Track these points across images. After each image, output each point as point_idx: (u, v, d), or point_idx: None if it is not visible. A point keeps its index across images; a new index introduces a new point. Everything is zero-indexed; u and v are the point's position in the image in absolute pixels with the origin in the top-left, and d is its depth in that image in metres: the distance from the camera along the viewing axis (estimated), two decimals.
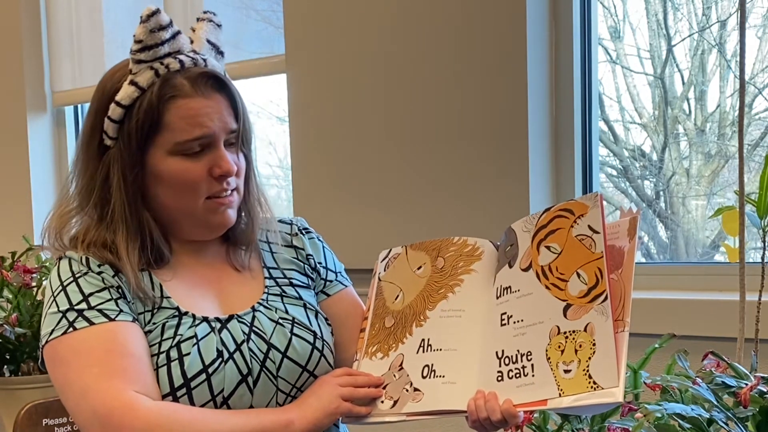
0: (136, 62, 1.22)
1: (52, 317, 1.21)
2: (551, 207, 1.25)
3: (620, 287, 1.14)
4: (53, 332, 1.20)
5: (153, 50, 1.21)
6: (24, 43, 3.09)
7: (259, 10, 2.70)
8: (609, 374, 1.09)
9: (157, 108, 1.20)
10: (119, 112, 1.22)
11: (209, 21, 1.29)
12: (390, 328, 1.33)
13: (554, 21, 2.07)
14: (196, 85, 1.22)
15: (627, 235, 1.18)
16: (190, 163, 1.23)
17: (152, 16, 1.20)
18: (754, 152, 2.05)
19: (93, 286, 1.22)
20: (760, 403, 1.16)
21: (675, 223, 2.21)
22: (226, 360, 1.22)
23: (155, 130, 1.21)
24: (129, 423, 1.13)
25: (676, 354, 1.33)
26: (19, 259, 2.31)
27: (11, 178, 3.16)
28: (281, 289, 1.34)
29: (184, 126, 1.21)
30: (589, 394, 1.10)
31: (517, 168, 2.03)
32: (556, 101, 2.08)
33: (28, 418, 1.80)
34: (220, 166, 1.24)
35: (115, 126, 1.23)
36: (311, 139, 2.38)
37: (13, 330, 2.16)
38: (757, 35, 2.05)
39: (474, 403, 1.18)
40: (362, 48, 2.26)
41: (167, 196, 1.25)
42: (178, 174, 1.23)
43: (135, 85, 1.21)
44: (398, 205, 2.20)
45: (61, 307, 1.21)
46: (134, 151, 1.22)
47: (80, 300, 1.21)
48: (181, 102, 1.21)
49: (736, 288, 1.45)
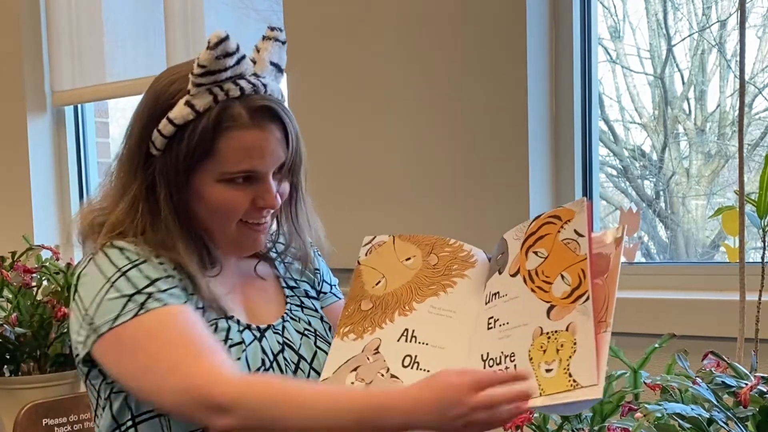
0: (195, 85, 1.19)
1: (114, 302, 1.17)
2: (541, 215, 1.27)
3: (605, 291, 1.16)
4: (119, 317, 1.16)
5: (215, 75, 1.18)
6: (24, 43, 3.09)
7: (259, 10, 2.70)
8: (589, 372, 1.10)
9: (212, 136, 1.19)
10: (170, 129, 1.20)
11: (275, 40, 1.27)
12: (366, 311, 1.32)
13: (554, 21, 2.07)
14: (253, 116, 1.20)
15: (614, 244, 1.20)
16: (234, 191, 1.22)
17: (220, 44, 1.16)
18: (754, 152, 2.05)
19: (158, 272, 1.20)
20: (760, 403, 1.16)
21: (675, 223, 2.21)
22: (267, 368, 1.24)
23: (205, 156, 1.20)
24: (220, 393, 1.08)
25: (676, 354, 1.33)
26: (19, 259, 2.32)
27: (11, 178, 3.16)
28: (300, 300, 1.37)
29: (235, 158, 1.20)
30: (568, 392, 1.10)
31: (517, 168, 2.03)
32: (556, 101, 2.08)
33: (28, 418, 1.80)
34: (265, 198, 1.24)
35: (164, 140, 1.21)
36: (311, 139, 2.37)
37: (13, 330, 2.16)
38: (757, 35, 2.06)
39: None
40: (362, 48, 2.26)
41: (205, 215, 1.25)
42: (221, 201, 1.23)
43: (191, 107, 1.19)
44: (398, 205, 2.20)
45: (126, 292, 1.17)
46: (181, 170, 1.21)
47: (147, 284, 1.18)
48: (236, 133, 1.20)
49: (736, 288, 1.45)
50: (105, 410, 1.26)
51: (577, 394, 1.10)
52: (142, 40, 2.93)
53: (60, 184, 3.18)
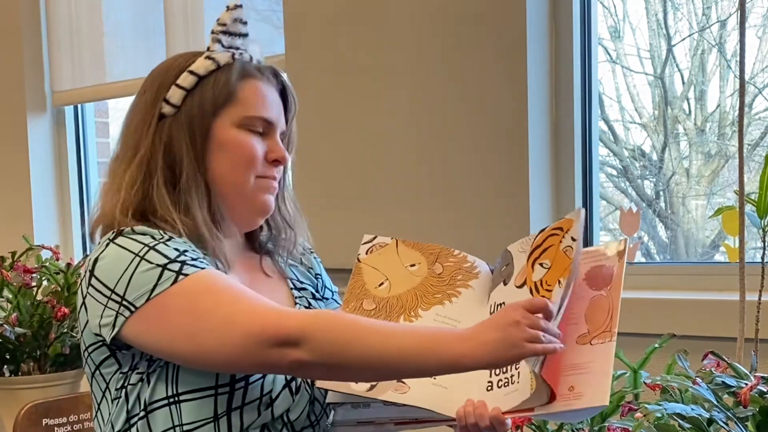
0: (216, 41, 1.29)
1: (147, 274, 1.17)
2: (546, 228, 1.28)
3: (609, 302, 1.19)
4: (157, 287, 1.16)
5: (232, 37, 1.30)
6: (24, 43, 3.09)
7: (259, 10, 2.70)
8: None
9: (235, 82, 1.27)
10: (191, 80, 1.27)
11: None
12: (370, 311, 1.32)
13: (554, 21, 2.07)
14: (267, 78, 1.32)
15: (617, 257, 1.23)
16: (252, 138, 1.29)
17: (237, 8, 1.29)
18: (754, 152, 2.05)
19: (185, 245, 1.22)
20: (760, 403, 1.16)
21: (675, 222, 2.21)
22: None
23: (228, 101, 1.27)
24: (289, 325, 1.10)
25: (676, 354, 1.33)
26: (19, 259, 2.32)
27: (11, 178, 3.16)
28: (308, 302, 1.38)
29: (255, 103, 1.29)
30: (575, 399, 1.11)
31: (517, 168, 2.03)
32: (556, 101, 2.08)
33: (28, 418, 1.80)
34: (275, 151, 1.31)
35: (183, 93, 1.27)
36: (311, 138, 2.37)
37: (13, 330, 2.16)
38: (757, 35, 2.06)
39: (463, 410, 1.18)
40: (362, 48, 2.26)
41: (225, 165, 1.28)
42: (241, 145, 1.28)
43: (212, 60, 1.28)
44: (398, 206, 2.20)
45: (158, 262, 1.17)
46: (205, 116, 1.27)
47: (178, 254, 1.19)
48: (256, 82, 1.30)
49: (736, 288, 1.45)
50: (114, 403, 1.25)
51: (583, 401, 1.10)
52: (142, 40, 2.93)
53: (60, 184, 3.18)
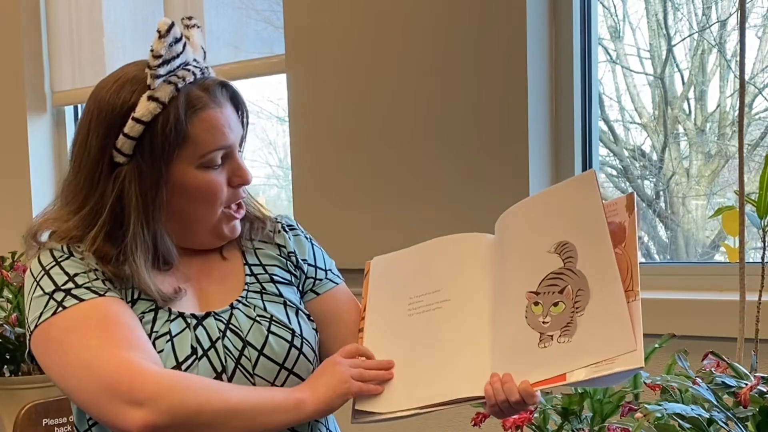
0: (155, 77, 1.20)
1: (38, 301, 1.20)
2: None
3: (626, 260, 1.15)
4: (42, 315, 1.18)
5: (170, 64, 1.20)
6: (24, 43, 3.09)
7: (259, 10, 2.70)
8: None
9: (184, 122, 1.20)
10: (139, 129, 1.20)
11: (197, 27, 1.31)
12: None
13: (554, 21, 2.07)
14: (212, 96, 1.24)
15: (626, 211, 1.19)
16: (213, 174, 1.25)
17: (170, 30, 1.19)
18: (754, 152, 2.05)
19: (77, 267, 1.22)
20: (760, 403, 1.16)
21: (675, 223, 2.21)
22: (199, 357, 1.22)
23: (181, 144, 1.21)
24: (140, 387, 1.10)
25: (676, 354, 1.33)
26: (19, 259, 2.32)
27: (11, 178, 3.16)
28: (261, 286, 1.34)
29: (208, 138, 1.23)
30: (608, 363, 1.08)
31: (517, 168, 2.03)
32: (556, 101, 2.08)
33: (28, 418, 1.80)
34: (240, 175, 1.27)
35: (133, 143, 1.21)
36: (311, 139, 2.38)
37: (13, 330, 2.17)
38: (757, 35, 2.05)
39: (491, 387, 1.16)
40: (362, 48, 2.26)
41: (187, 206, 1.26)
42: (203, 186, 1.24)
43: (155, 101, 1.20)
44: (398, 205, 2.20)
45: (47, 290, 1.20)
46: (157, 165, 1.21)
47: (66, 280, 1.20)
48: (203, 115, 1.22)
49: (736, 288, 1.45)
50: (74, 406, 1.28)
51: (618, 364, 1.08)
52: (142, 40, 2.93)
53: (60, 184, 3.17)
